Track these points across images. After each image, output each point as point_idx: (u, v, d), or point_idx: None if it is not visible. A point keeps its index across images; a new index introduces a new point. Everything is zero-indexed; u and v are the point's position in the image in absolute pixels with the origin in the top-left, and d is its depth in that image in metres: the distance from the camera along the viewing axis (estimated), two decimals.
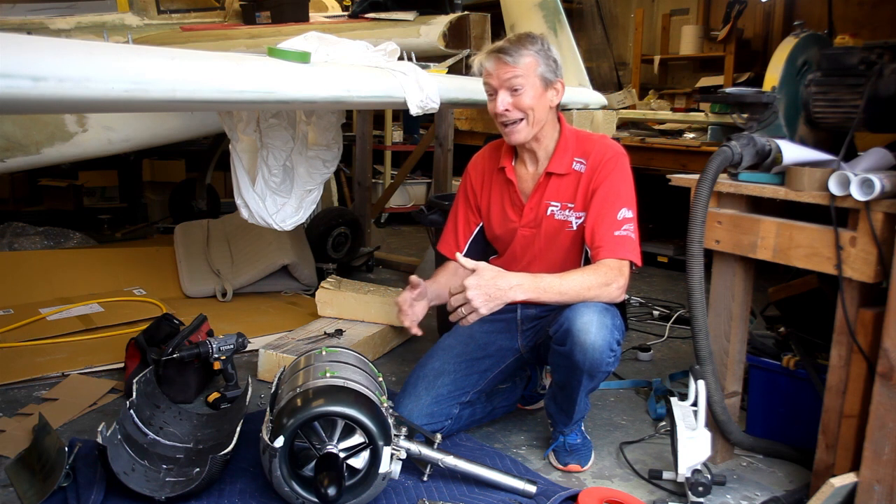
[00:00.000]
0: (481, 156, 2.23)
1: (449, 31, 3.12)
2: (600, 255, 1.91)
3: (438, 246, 2.29)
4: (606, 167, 1.97)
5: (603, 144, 2.03)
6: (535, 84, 1.92)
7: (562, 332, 1.85)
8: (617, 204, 1.94)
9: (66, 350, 2.77)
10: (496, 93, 1.93)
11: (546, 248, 2.06)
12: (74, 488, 1.74)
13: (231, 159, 2.43)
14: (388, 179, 5.75)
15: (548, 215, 2.04)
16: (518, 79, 1.90)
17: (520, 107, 1.92)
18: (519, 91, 1.91)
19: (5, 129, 2.73)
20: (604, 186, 1.96)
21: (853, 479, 1.65)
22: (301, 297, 3.59)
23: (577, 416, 2.01)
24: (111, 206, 5.53)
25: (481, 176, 2.19)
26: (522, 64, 1.90)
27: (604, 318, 1.83)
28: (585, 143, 2.04)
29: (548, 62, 1.94)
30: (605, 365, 1.86)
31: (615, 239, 1.91)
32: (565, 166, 2.01)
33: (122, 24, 3.63)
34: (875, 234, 1.60)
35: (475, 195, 2.20)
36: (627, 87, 5.35)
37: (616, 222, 1.92)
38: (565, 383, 1.94)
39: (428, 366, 2.11)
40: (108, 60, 1.36)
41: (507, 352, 2.17)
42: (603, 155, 1.99)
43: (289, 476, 1.68)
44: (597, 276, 1.86)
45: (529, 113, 1.93)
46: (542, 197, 2.04)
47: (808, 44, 2.13)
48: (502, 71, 1.91)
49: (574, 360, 1.84)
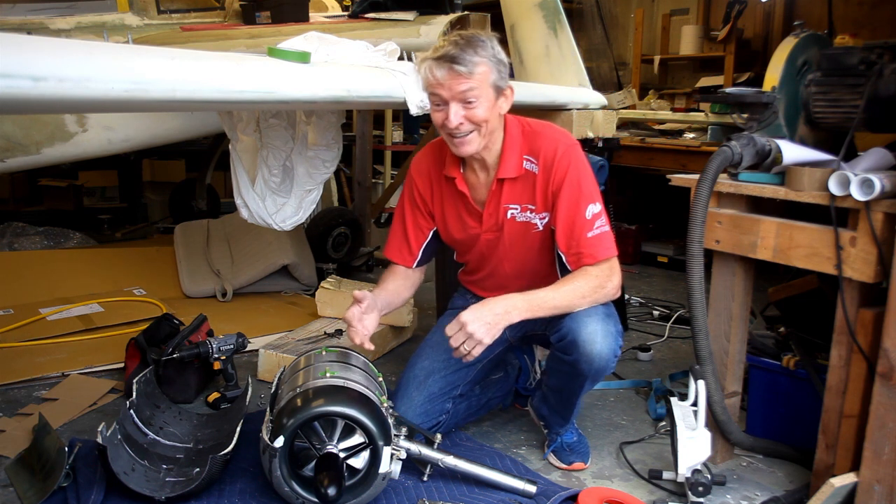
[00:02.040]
0: (424, 158, 2.10)
1: (449, 31, 3.12)
2: (582, 260, 1.86)
3: (387, 252, 2.16)
4: (561, 165, 1.89)
5: (550, 138, 1.93)
6: (489, 94, 1.80)
7: (567, 342, 1.84)
8: (582, 202, 1.87)
9: (66, 350, 2.77)
10: (446, 104, 1.79)
11: (513, 249, 2.01)
12: (74, 488, 1.74)
13: (231, 159, 2.43)
14: (388, 179, 5.74)
15: (508, 218, 1.97)
16: (472, 91, 1.76)
17: (473, 120, 1.80)
18: (472, 104, 1.78)
19: (5, 129, 2.73)
20: (565, 187, 1.87)
21: (853, 479, 1.65)
22: (301, 297, 3.59)
23: (574, 416, 2.02)
24: (111, 206, 5.54)
25: (428, 181, 2.07)
26: (477, 74, 1.75)
27: (607, 325, 1.84)
28: (532, 140, 1.94)
29: (499, 68, 1.81)
30: (608, 370, 1.89)
31: (590, 241, 1.86)
32: (516, 169, 1.92)
33: (122, 24, 3.63)
34: (875, 234, 1.60)
35: (424, 201, 2.08)
36: (627, 87, 5.35)
37: (587, 222, 1.86)
38: (564, 388, 1.94)
39: (417, 365, 2.10)
40: (108, 60, 1.36)
41: (495, 343, 2.15)
42: (554, 151, 1.90)
43: (289, 476, 1.68)
44: (588, 281, 1.84)
45: (483, 125, 1.82)
46: (498, 202, 1.96)
47: (808, 44, 2.13)
48: (455, 82, 1.75)
49: (579, 369, 1.84)
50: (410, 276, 2.13)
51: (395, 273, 2.12)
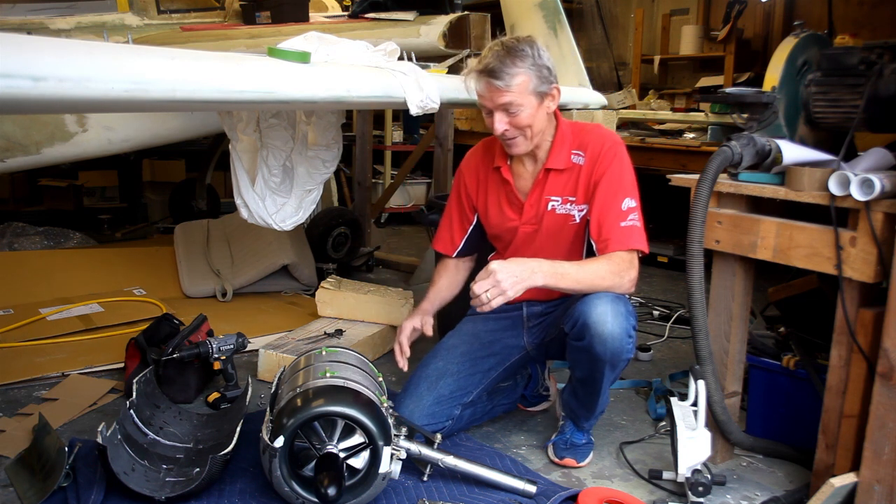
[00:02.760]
0: (474, 154, 2.21)
1: (449, 31, 3.12)
2: (609, 247, 1.91)
3: (434, 244, 2.29)
4: (606, 158, 1.97)
5: (599, 135, 2.02)
6: (531, 102, 1.89)
7: (579, 326, 1.85)
8: (620, 194, 1.94)
9: (66, 350, 2.76)
10: (491, 113, 1.91)
11: (548, 243, 2.05)
12: (74, 488, 1.74)
13: (231, 159, 2.43)
14: (388, 179, 5.75)
15: (549, 210, 2.03)
16: (512, 103, 1.86)
17: (517, 126, 1.91)
18: (515, 112, 1.88)
19: (5, 129, 2.73)
20: (605, 178, 1.95)
21: (853, 479, 1.65)
22: (301, 297, 3.59)
23: (598, 408, 2.02)
24: (111, 206, 5.53)
25: (475, 175, 2.17)
26: (515, 85, 1.84)
27: (617, 306, 1.84)
28: (582, 135, 2.03)
29: (540, 73, 1.88)
30: (625, 352, 1.87)
31: (622, 230, 1.91)
32: (564, 161, 2.01)
33: (122, 24, 3.63)
34: (875, 234, 1.59)
35: (469, 196, 2.19)
36: (627, 87, 5.35)
37: (621, 213, 1.92)
38: (587, 377, 1.93)
39: (431, 365, 2.11)
40: (108, 60, 1.36)
41: (512, 350, 2.17)
42: (601, 145, 1.99)
43: (289, 476, 1.68)
44: (611, 266, 1.87)
45: (527, 129, 1.92)
46: (541, 193, 2.04)
47: (808, 44, 2.13)
48: (495, 95, 1.87)
49: (595, 353, 1.84)
50: (461, 269, 2.25)
51: (446, 267, 2.25)
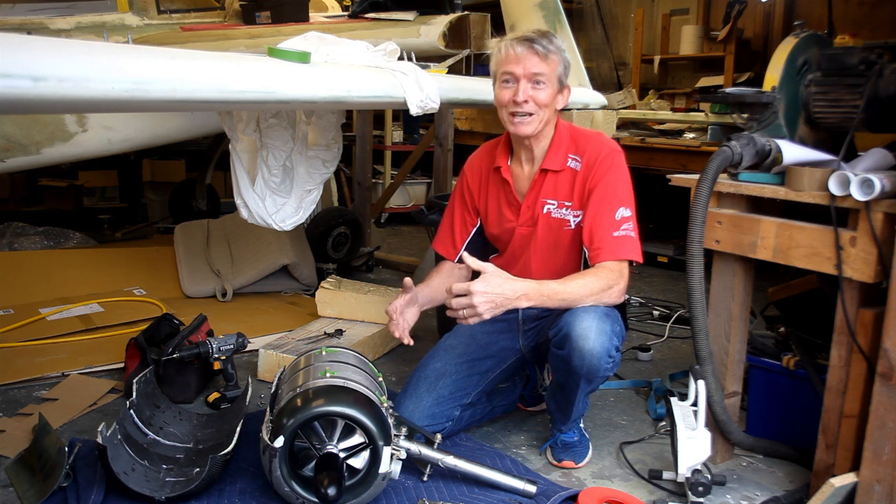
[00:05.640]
0: (477, 156, 2.22)
1: (449, 31, 3.12)
2: (600, 256, 1.91)
3: (434, 244, 2.28)
4: (602, 165, 1.96)
5: (598, 142, 2.02)
6: (554, 83, 1.92)
7: (561, 336, 1.85)
8: (614, 203, 1.93)
9: (66, 350, 2.76)
10: (517, 81, 1.90)
11: (543, 246, 2.06)
12: (74, 488, 1.74)
13: (231, 159, 2.43)
14: (388, 179, 5.75)
15: (544, 213, 2.03)
16: (543, 74, 1.89)
17: (537, 102, 1.91)
18: (541, 86, 1.90)
19: (5, 129, 2.73)
20: (601, 186, 1.95)
21: (853, 479, 1.65)
22: (301, 297, 3.59)
23: (574, 415, 2.01)
24: (111, 206, 5.53)
25: (478, 177, 2.18)
26: (550, 60, 1.90)
27: (603, 323, 1.83)
28: (580, 140, 2.03)
29: (566, 65, 1.95)
30: (602, 371, 1.86)
31: (614, 240, 1.91)
32: (560, 163, 2.01)
33: (122, 24, 3.63)
34: (875, 234, 1.59)
35: (472, 196, 2.19)
36: (627, 87, 5.35)
37: (614, 222, 1.92)
38: (563, 384, 1.94)
39: (429, 366, 2.11)
40: (108, 60, 1.37)
41: (508, 352, 2.17)
42: (598, 153, 1.98)
43: (289, 476, 1.68)
44: (598, 280, 1.86)
45: (543, 110, 1.93)
46: (537, 195, 2.04)
47: (808, 44, 2.13)
48: (531, 62, 1.88)
49: (572, 365, 1.84)
50: (455, 273, 2.19)
51: (441, 269, 2.20)
